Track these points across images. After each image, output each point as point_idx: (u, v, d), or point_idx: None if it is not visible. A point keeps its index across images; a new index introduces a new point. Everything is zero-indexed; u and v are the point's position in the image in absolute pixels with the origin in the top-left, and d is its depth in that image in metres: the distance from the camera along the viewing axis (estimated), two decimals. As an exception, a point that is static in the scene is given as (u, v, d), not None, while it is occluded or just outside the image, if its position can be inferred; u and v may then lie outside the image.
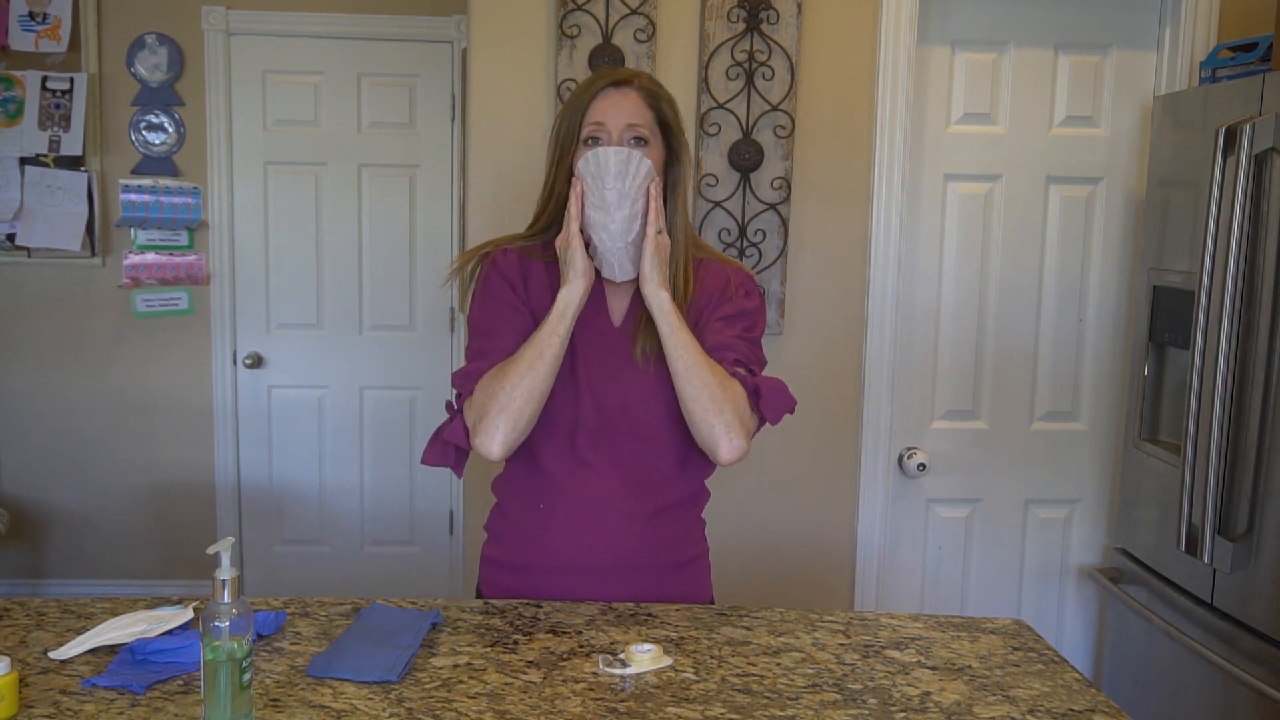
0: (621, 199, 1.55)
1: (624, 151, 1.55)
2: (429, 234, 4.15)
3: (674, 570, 1.71)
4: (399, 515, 4.25)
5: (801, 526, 2.74)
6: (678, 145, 1.64)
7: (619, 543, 1.66)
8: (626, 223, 1.56)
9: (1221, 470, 2.18)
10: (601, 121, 1.58)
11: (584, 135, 1.60)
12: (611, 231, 1.56)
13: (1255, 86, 2.16)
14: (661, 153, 1.63)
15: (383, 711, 1.29)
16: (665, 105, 1.63)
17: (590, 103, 1.60)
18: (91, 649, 1.42)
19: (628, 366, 1.63)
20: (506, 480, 1.74)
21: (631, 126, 1.59)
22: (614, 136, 1.58)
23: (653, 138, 1.61)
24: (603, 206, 1.56)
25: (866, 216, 2.68)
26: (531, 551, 1.68)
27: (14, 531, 4.04)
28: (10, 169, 3.87)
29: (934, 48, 2.70)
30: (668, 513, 1.69)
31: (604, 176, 1.55)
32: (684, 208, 1.66)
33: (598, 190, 1.56)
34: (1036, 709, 1.35)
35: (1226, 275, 2.13)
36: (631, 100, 1.60)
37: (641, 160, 1.56)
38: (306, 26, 4.02)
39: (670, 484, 1.69)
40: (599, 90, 1.61)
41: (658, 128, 1.62)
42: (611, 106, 1.59)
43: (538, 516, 1.67)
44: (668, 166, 1.64)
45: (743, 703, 1.33)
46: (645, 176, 1.57)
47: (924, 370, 2.80)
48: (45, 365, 4.05)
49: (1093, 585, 2.86)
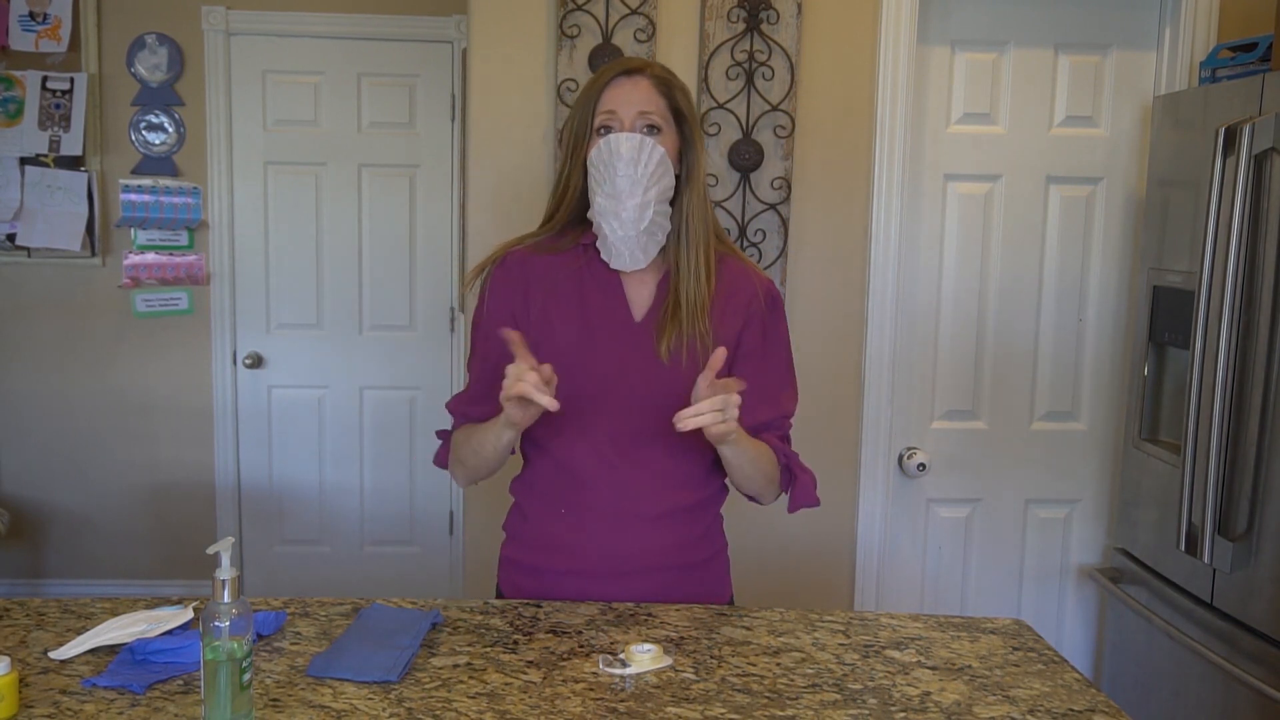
0: (634, 186, 1.53)
1: (635, 138, 1.54)
2: (429, 234, 4.15)
3: (696, 569, 1.71)
4: (399, 515, 4.25)
5: (801, 526, 2.74)
6: (692, 134, 1.61)
7: (644, 544, 1.64)
8: (639, 210, 1.54)
9: (1221, 470, 2.18)
10: (613, 110, 1.56)
11: (596, 125, 1.58)
12: (623, 219, 1.55)
13: (1255, 86, 2.16)
14: (676, 141, 1.60)
15: (383, 711, 1.29)
16: (679, 93, 1.61)
17: (602, 92, 1.58)
18: (91, 649, 1.42)
19: (653, 364, 1.60)
20: (528, 481, 1.72)
21: (644, 114, 1.56)
22: (626, 124, 1.56)
23: (666, 126, 1.59)
24: (614, 194, 1.54)
25: (866, 216, 2.68)
26: (553, 554, 1.67)
27: (14, 531, 4.04)
28: (10, 169, 3.87)
29: (934, 48, 2.70)
30: (692, 511, 1.68)
31: (615, 163, 1.54)
32: (701, 197, 1.62)
33: (610, 178, 1.54)
34: (1036, 709, 1.35)
35: (1226, 275, 2.13)
36: (643, 88, 1.58)
37: (655, 147, 1.55)
38: (306, 26, 4.02)
39: (697, 483, 1.68)
40: (610, 79, 1.59)
41: (671, 115, 1.60)
42: (623, 94, 1.57)
43: (561, 520, 1.66)
44: (683, 155, 1.62)
45: (743, 703, 1.33)
46: (659, 164, 1.55)
47: (924, 370, 2.80)
48: (45, 365, 4.05)
49: (1093, 585, 2.86)
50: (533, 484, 1.70)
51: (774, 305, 1.70)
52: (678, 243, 1.61)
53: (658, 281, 1.65)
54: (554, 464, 1.66)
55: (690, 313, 1.60)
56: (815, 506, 1.72)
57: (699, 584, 1.71)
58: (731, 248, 1.72)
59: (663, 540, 1.65)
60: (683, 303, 1.60)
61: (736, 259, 1.71)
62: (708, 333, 1.61)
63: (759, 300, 1.67)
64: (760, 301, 1.67)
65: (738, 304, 1.66)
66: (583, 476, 1.63)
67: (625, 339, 1.62)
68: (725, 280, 1.66)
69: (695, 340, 1.60)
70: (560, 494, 1.66)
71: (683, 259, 1.61)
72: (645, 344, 1.62)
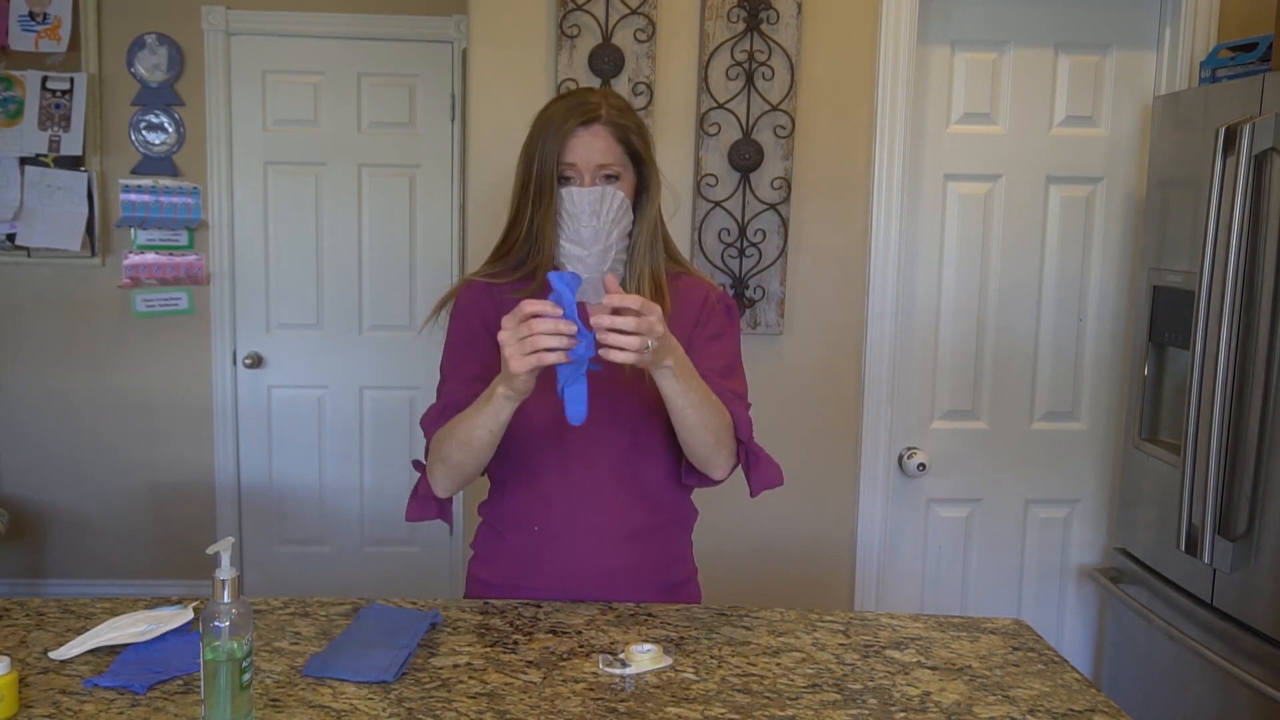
0: (596, 235, 1.60)
1: (596, 191, 1.60)
2: (429, 234, 4.15)
3: (667, 592, 1.73)
4: (399, 515, 4.22)
5: (801, 526, 2.74)
6: (647, 172, 1.67)
7: (617, 563, 1.67)
8: (602, 255, 1.61)
9: (1221, 470, 2.18)
10: (574, 164, 1.61)
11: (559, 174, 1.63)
12: (588, 264, 1.61)
13: (1255, 86, 2.16)
14: (633, 181, 1.66)
15: (382, 711, 1.29)
16: (634, 136, 1.66)
17: (562, 146, 1.61)
18: (92, 649, 1.42)
19: (617, 379, 1.63)
20: (497, 501, 1.74)
21: (602, 167, 1.62)
22: (586, 179, 1.62)
23: (624, 170, 1.64)
24: (579, 241, 1.60)
25: (866, 216, 2.68)
26: (525, 573, 1.69)
27: (14, 531, 4.04)
28: (10, 169, 3.87)
29: (934, 48, 2.70)
30: (662, 530, 1.71)
31: (579, 215, 1.60)
32: (650, 230, 1.67)
33: (574, 227, 1.60)
34: (1036, 709, 1.35)
35: (1226, 275, 2.13)
36: (601, 140, 1.62)
37: (614, 195, 1.61)
38: (306, 26, 4.01)
39: (666, 495, 1.71)
40: (570, 133, 1.62)
41: (628, 159, 1.65)
42: (582, 147, 1.61)
43: (533, 538, 1.68)
44: (638, 192, 1.68)
45: (743, 703, 1.33)
46: (619, 208, 1.61)
47: (924, 370, 2.80)
48: (45, 365, 4.05)
49: (1093, 585, 2.86)
50: (502, 504, 1.72)
51: (728, 311, 1.75)
52: (626, 273, 1.67)
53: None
54: (524, 483, 1.68)
55: None
56: (779, 486, 1.70)
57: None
58: (687, 267, 1.78)
59: (636, 559, 1.68)
60: None
61: (692, 276, 1.76)
62: None
63: (710, 303, 1.73)
64: (712, 304, 1.73)
65: (690, 309, 1.71)
66: (553, 495, 1.65)
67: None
68: (679, 295, 1.71)
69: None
70: (531, 513, 1.67)
71: (629, 285, 1.66)
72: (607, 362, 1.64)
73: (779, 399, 2.67)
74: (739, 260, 2.63)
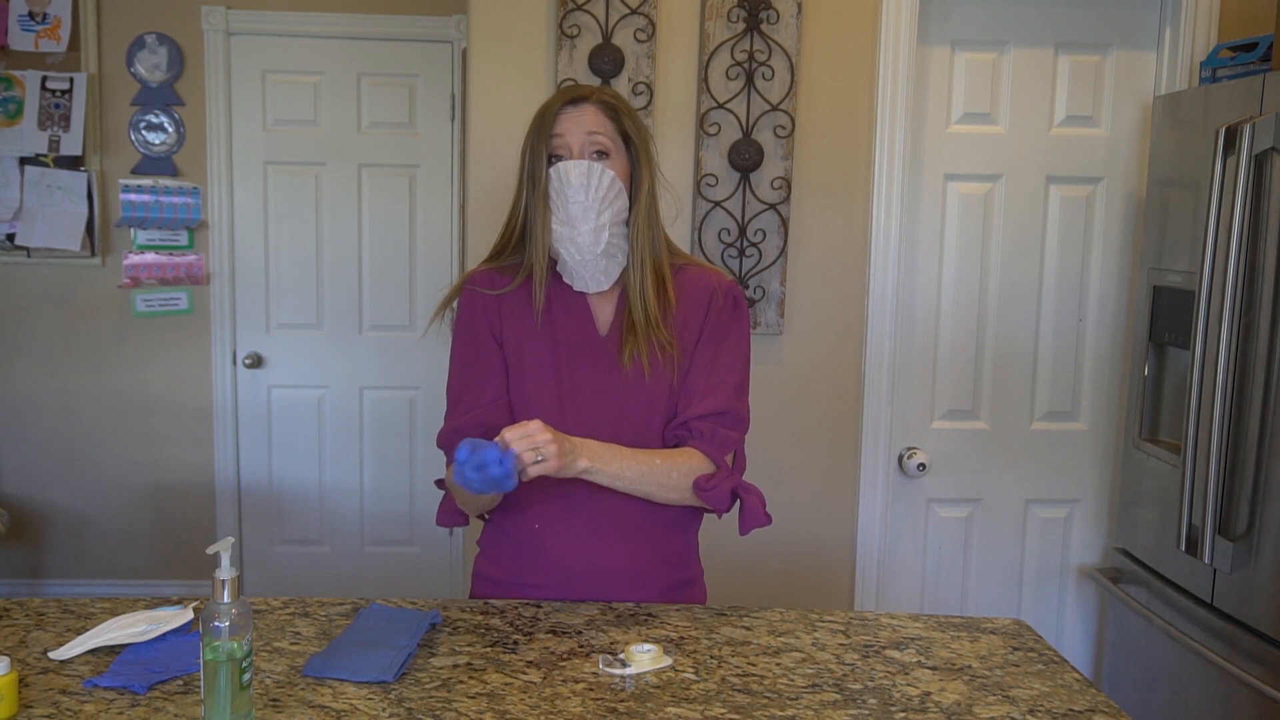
0: (586, 211, 1.58)
1: (584, 164, 1.58)
2: (429, 234, 4.15)
3: (672, 591, 1.72)
4: (399, 515, 4.25)
5: (801, 526, 2.74)
6: (641, 157, 1.65)
7: (621, 560, 1.66)
8: (594, 234, 1.58)
9: (1221, 470, 2.18)
10: (561, 134, 1.60)
11: (550, 153, 1.62)
12: (580, 244, 1.59)
13: (1255, 86, 2.16)
14: (626, 165, 1.64)
15: (382, 712, 1.29)
16: (625, 118, 1.64)
17: (551, 123, 1.61)
18: (91, 649, 1.42)
19: (618, 376, 1.64)
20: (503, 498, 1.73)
21: (591, 135, 1.60)
22: (575, 150, 1.60)
23: (615, 150, 1.62)
24: (568, 220, 1.59)
25: (866, 216, 2.68)
26: (529, 570, 1.69)
27: (14, 531, 4.04)
28: (10, 169, 3.87)
29: (934, 48, 2.70)
30: (666, 528, 1.70)
31: (566, 190, 1.58)
32: (647, 218, 1.65)
33: (562, 205, 1.58)
34: (1036, 709, 1.35)
35: (1226, 275, 2.13)
36: (589, 113, 1.62)
37: (604, 172, 1.58)
38: (306, 26, 4.01)
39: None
40: (558, 109, 1.62)
41: (620, 139, 1.63)
42: (570, 120, 1.60)
43: (535, 536, 1.68)
44: (633, 178, 1.65)
45: (743, 703, 1.33)
46: (609, 187, 1.59)
47: (924, 370, 2.80)
48: (45, 365, 4.05)
49: (1093, 585, 2.86)
50: (505, 501, 1.71)
51: (735, 304, 1.72)
52: (629, 262, 1.66)
53: (619, 296, 1.69)
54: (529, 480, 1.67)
55: (645, 326, 1.64)
56: (767, 525, 1.69)
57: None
58: (689, 258, 1.76)
59: (637, 557, 1.68)
60: (636, 318, 1.64)
61: (697, 267, 1.74)
62: (670, 341, 1.65)
63: (718, 296, 1.70)
64: (720, 297, 1.70)
65: (698, 301, 1.69)
66: (553, 491, 1.65)
67: (593, 354, 1.66)
68: (684, 287, 1.69)
69: (656, 350, 1.64)
70: (535, 509, 1.67)
71: (631, 277, 1.65)
72: (611, 357, 1.65)
73: (779, 399, 2.67)
74: (739, 260, 2.63)
